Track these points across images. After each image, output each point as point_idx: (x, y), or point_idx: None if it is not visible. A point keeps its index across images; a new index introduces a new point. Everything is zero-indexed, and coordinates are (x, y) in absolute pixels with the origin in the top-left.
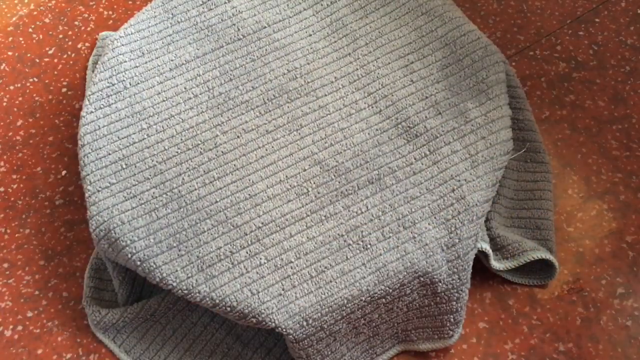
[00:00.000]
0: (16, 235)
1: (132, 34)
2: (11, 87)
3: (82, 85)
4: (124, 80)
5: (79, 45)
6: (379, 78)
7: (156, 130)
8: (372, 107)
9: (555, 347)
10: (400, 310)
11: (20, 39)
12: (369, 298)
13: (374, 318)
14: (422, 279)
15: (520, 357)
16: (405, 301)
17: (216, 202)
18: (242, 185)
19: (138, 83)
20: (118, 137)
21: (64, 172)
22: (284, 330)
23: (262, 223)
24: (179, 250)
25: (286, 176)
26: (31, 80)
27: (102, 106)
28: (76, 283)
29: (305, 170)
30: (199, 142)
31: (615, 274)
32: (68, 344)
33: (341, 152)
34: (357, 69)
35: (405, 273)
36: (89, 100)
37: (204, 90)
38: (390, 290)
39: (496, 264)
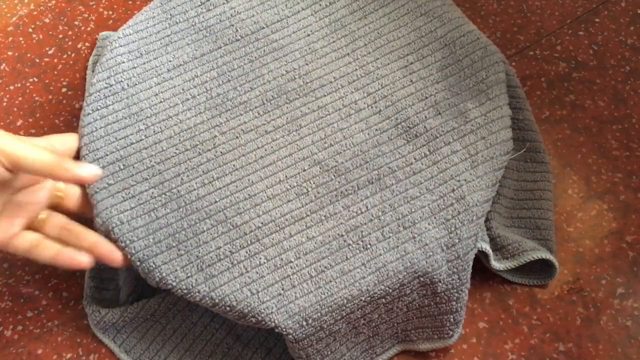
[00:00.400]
0: None
1: (130, 34)
2: (11, 87)
3: (82, 85)
4: (121, 81)
5: (79, 45)
6: (379, 78)
7: (154, 131)
8: (372, 107)
9: (555, 347)
10: (400, 310)
11: (20, 39)
12: (369, 298)
13: (374, 318)
14: (422, 279)
15: (520, 357)
16: (405, 301)
17: (215, 202)
18: (242, 185)
19: (136, 84)
20: (116, 138)
21: None
22: (284, 330)
23: (262, 223)
24: (179, 250)
25: (286, 176)
26: (31, 80)
27: (99, 107)
28: (76, 283)
29: (304, 170)
30: (198, 143)
31: (615, 274)
32: (68, 344)
33: (341, 152)
34: (357, 70)
35: (405, 273)
36: (87, 102)
37: (202, 91)
38: (390, 290)
39: (496, 264)
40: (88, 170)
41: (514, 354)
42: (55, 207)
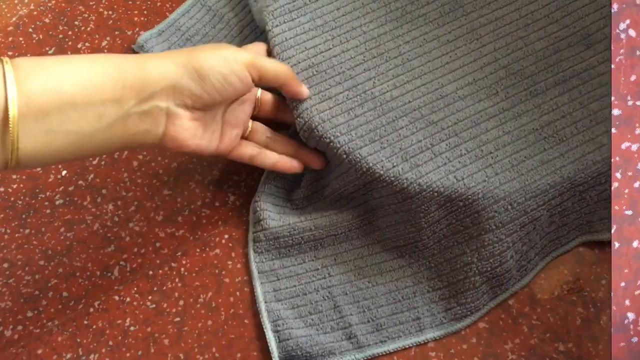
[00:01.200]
0: (16, 235)
1: None
2: None
3: None
4: None
5: (79, 45)
6: None
7: (340, 41)
8: (549, 18)
9: (555, 347)
10: (591, 199)
11: (20, 39)
12: (569, 185)
13: (567, 207)
14: None
15: (520, 357)
16: (598, 190)
17: (409, 102)
18: (432, 87)
19: (316, 0)
20: (305, 48)
21: (64, 172)
22: (490, 212)
23: (458, 119)
24: (381, 144)
25: (474, 79)
26: None
27: (286, 20)
28: (76, 283)
29: (491, 73)
30: (384, 51)
31: None
32: (68, 344)
33: (523, 58)
34: None
35: (602, 163)
36: (272, 15)
37: (381, 5)
38: (588, 179)
39: None
40: (306, 88)
41: (514, 354)
42: (254, 116)
